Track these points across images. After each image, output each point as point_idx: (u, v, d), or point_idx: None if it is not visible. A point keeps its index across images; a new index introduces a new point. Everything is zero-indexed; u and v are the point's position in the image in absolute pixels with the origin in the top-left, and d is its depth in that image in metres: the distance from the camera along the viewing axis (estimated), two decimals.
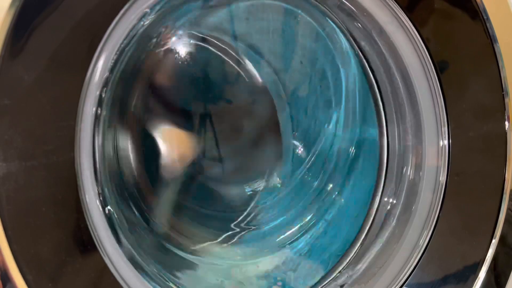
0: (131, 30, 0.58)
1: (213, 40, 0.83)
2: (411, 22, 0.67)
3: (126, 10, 0.56)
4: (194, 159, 0.85)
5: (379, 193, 0.79)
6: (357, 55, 0.79)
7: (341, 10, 0.73)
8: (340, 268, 0.77)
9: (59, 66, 0.51)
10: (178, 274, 0.77)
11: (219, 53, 0.84)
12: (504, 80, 0.68)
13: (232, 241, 0.86)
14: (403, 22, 0.67)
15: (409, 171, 0.75)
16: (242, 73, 0.86)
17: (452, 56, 0.69)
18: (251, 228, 0.88)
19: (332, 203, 0.86)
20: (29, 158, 0.50)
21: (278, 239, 0.87)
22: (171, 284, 0.69)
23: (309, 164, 0.89)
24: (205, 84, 0.85)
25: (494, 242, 0.68)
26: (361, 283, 0.72)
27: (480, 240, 0.69)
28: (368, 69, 0.77)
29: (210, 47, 0.83)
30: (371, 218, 0.79)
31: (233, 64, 0.86)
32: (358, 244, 0.78)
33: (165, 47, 0.79)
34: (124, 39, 0.57)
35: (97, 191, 0.56)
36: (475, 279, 0.68)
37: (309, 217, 0.87)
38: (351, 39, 0.78)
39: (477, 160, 0.70)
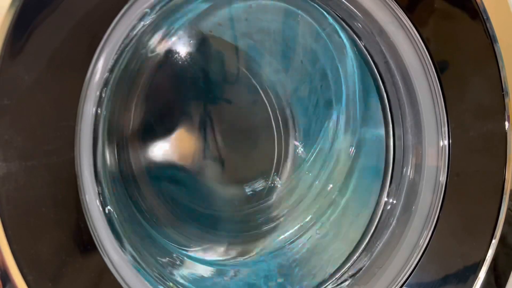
0: (131, 30, 0.58)
1: (213, 40, 0.83)
2: (411, 22, 0.67)
3: (126, 10, 0.56)
4: (194, 159, 0.85)
5: (381, 193, 0.79)
6: (357, 55, 0.79)
7: (341, 10, 0.73)
8: (339, 269, 0.77)
9: (59, 66, 0.51)
10: (179, 274, 0.77)
11: (219, 53, 0.84)
12: (504, 80, 0.68)
13: (232, 241, 0.86)
14: (403, 22, 0.67)
15: (409, 171, 0.75)
16: (242, 73, 0.86)
17: (452, 56, 0.69)
18: (250, 228, 0.88)
19: (332, 203, 0.86)
20: (29, 158, 0.50)
21: (278, 239, 0.86)
22: (171, 284, 0.69)
23: (309, 163, 0.89)
24: (205, 84, 0.85)
25: (494, 242, 0.68)
26: (361, 283, 0.72)
27: (480, 240, 0.69)
28: (374, 68, 0.77)
29: (210, 47, 0.83)
30: (371, 218, 0.79)
31: (233, 64, 0.86)
32: (358, 244, 0.78)
33: (165, 47, 0.79)
34: (124, 39, 0.57)
35: (97, 191, 0.56)
36: (475, 279, 0.68)
37: (309, 217, 0.87)
38: (352, 40, 0.78)
39: (477, 160, 0.70)
